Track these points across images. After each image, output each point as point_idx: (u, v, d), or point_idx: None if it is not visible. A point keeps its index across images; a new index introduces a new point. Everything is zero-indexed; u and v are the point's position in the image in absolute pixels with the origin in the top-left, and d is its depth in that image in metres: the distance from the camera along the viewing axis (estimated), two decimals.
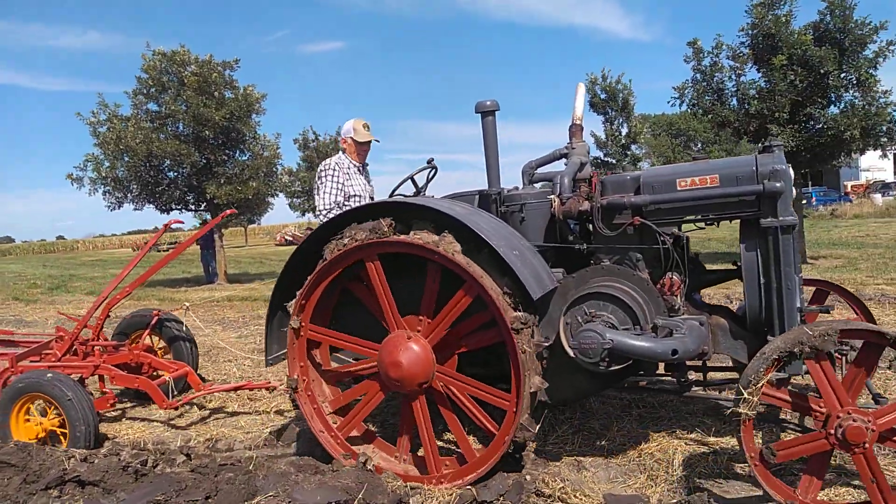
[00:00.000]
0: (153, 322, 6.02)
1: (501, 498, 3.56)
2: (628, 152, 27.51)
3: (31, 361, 5.58)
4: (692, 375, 4.28)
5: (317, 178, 5.21)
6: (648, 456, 4.25)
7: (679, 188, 3.84)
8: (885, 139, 14.88)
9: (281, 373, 6.80)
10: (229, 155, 19.63)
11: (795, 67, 14.41)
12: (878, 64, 14.23)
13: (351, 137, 5.27)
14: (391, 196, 4.86)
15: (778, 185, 3.57)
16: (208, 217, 21.18)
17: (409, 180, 5.00)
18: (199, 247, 21.23)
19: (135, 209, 19.62)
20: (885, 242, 18.36)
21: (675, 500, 3.67)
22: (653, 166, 35.42)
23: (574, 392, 4.02)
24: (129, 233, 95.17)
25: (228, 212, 7.17)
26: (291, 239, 52.15)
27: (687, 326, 3.60)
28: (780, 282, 3.64)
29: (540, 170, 4.76)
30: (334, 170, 5.19)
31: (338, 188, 5.16)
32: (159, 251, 53.31)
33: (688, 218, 3.97)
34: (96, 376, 5.44)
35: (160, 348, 6.28)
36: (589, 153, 4.55)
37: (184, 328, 6.26)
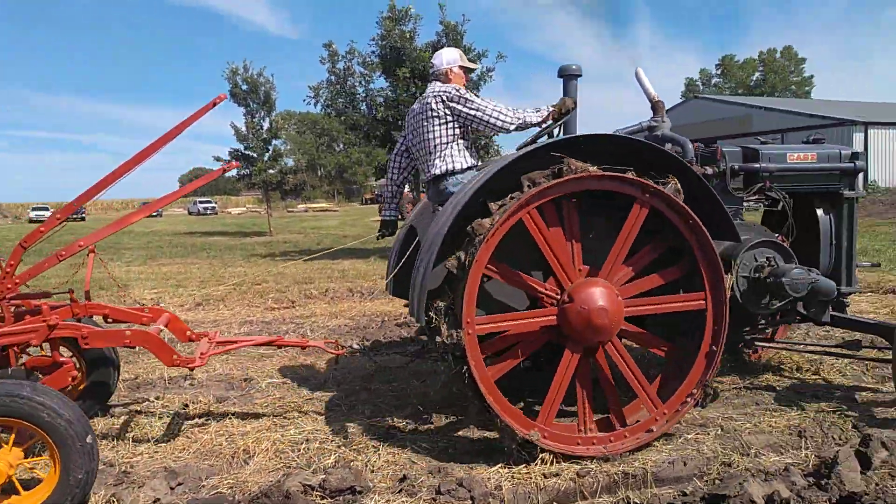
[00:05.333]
0: None
1: None
2: (270, 146, 27.25)
3: None
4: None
5: (455, 101, 4.27)
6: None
7: (789, 161, 4.46)
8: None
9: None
10: None
11: (417, 80, 15.86)
12: (480, 87, 16.48)
13: (459, 65, 4.59)
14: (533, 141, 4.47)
15: (862, 164, 4.49)
16: None
17: (549, 129, 4.44)
18: None
19: None
20: None
21: None
22: (296, 162, 35.84)
23: (733, 339, 4.40)
24: None
25: (233, 164, 5.78)
26: None
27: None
28: (851, 242, 4.54)
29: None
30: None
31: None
32: None
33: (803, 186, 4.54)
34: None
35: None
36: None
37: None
